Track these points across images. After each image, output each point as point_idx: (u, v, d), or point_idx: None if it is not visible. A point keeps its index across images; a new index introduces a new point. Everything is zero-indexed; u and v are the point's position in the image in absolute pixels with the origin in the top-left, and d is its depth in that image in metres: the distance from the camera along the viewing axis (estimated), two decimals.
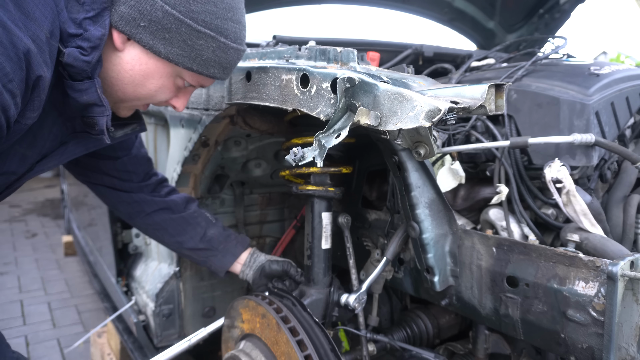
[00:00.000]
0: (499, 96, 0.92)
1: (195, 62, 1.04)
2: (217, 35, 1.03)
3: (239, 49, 1.10)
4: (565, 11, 2.70)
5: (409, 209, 1.18)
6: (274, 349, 1.27)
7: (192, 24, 0.99)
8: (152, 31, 0.98)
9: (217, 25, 1.02)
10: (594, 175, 1.35)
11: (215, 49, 1.04)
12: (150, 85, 1.08)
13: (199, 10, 0.99)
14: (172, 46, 1.01)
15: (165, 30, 0.98)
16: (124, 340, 2.22)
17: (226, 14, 1.03)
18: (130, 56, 1.02)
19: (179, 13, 0.97)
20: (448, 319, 1.67)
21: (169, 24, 0.98)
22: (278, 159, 1.87)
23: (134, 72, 1.04)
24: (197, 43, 1.02)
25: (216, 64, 1.07)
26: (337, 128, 1.00)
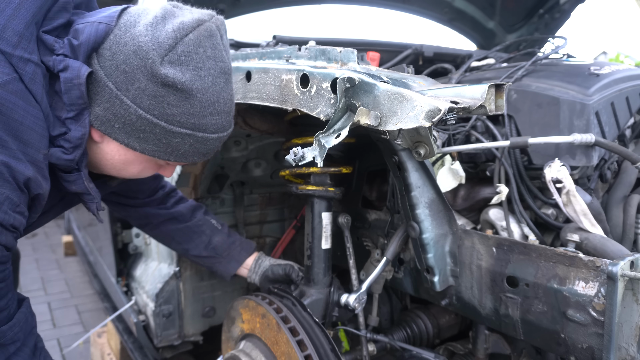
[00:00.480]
0: (499, 96, 0.92)
1: (172, 155, 1.05)
2: (194, 132, 1.02)
3: (220, 137, 1.08)
4: (565, 11, 2.70)
5: (409, 209, 1.18)
6: (274, 349, 1.27)
7: (166, 126, 0.99)
8: (127, 131, 1.00)
9: (194, 123, 1.01)
10: (594, 175, 1.35)
11: (192, 143, 1.04)
12: (132, 170, 1.10)
13: (174, 113, 0.98)
14: (147, 144, 1.01)
15: (139, 131, 0.99)
16: (124, 340, 2.22)
17: (205, 111, 1.01)
18: (110, 148, 1.05)
19: (152, 117, 0.98)
20: (448, 319, 1.67)
21: (143, 126, 0.99)
22: (278, 159, 1.87)
23: (114, 161, 1.07)
24: (172, 141, 1.02)
25: (195, 154, 1.07)
26: (337, 128, 1.00)
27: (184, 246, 1.60)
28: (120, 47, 0.95)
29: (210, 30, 1.00)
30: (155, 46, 0.94)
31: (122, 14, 1.00)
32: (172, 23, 0.97)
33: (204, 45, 0.99)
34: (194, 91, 0.98)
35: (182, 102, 0.98)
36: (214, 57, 1.00)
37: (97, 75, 0.96)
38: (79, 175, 1.03)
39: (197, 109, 1.00)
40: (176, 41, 0.95)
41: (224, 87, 1.04)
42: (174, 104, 0.97)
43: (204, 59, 0.99)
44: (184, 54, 0.96)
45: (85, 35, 0.95)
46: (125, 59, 0.94)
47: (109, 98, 0.97)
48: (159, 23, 0.97)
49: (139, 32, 0.95)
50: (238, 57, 1.46)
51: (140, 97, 0.96)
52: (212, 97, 1.01)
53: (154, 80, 0.95)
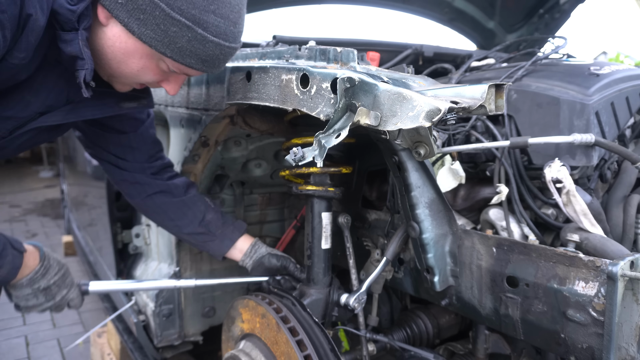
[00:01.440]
0: (499, 96, 0.92)
1: (169, 48, 1.02)
2: (192, 25, 1.00)
3: (220, 44, 1.05)
4: (565, 11, 2.70)
5: (409, 209, 1.18)
6: (274, 348, 1.27)
7: (166, 9, 0.97)
8: (129, 9, 0.97)
9: (195, 15, 0.99)
10: (594, 175, 1.35)
11: (190, 39, 1.01)
12: (131, 65, 1.07)
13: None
14: (145, 28, 0.99)
15: (140, 11, 0.97)
16: (124, 340, 2.22)
17: (208, 6, 0.99)
18: (112, 32, 1.02)
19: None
20: (448, 319, 1.67)
21: (144, 5, 0.96)
22: (278, 159, 1.87)
23: (115, 49, 1.04)
24: (170, 29, 0.99)
25: (192, 55, 1.04)
26: (337, 128, 1.00)
27: (177, 222, 1.56)
28: None
29: None
30: None
31: None
32: None
33: None
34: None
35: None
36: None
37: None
38: (76, 35, 0.99)
39: (200, 0, 0.98)
40: None
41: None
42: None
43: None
44: None
45: None
46: None
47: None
48: None
49: None
50: (238, 57, 1.46)
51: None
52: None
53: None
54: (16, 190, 7.64)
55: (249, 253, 1.58)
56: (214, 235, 1.57)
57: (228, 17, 1.04)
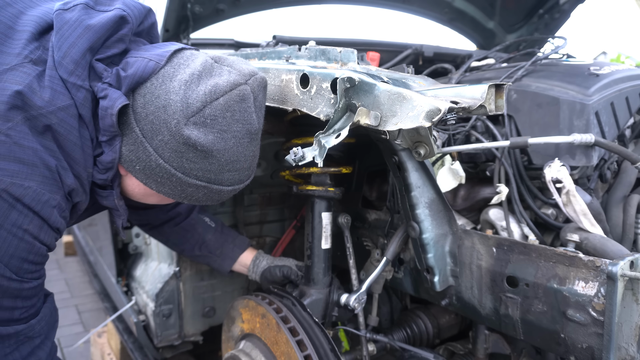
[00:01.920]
0: (499, 96, 0.92)
1: (186, 199, 1.11)
2: (209, 185, 1.07)
3: (235, 189, 1.13)
4: (565, 11, 2.69)
5: (409, 209, 1.18)
6: (274, 348, 1.27)
7: (182, 177, 1.05)
8: (146, 174, 1.06)
9: (210, 178, 1.06)
10: (593, 175, 1.35)
11: (206, 193, 1.09)
12: (151, 200, 1.18)
13: (192, 168, 1.04)
14: (164, 187, 1.08)
15: (157, 176, 1.06)
16: (124, 340, 2.22)
17: (222, 168, 1.06)
18: (132, 182, 1.12)
19: (171, 167, 1.03)
20: (448, 319, 1.67)
21: (161, 173, 1.05)
22: (278, 159, 1.87)
23: (135, 192, 1.15)
24: (187, 190, 1.08)
25: (208, 200, 1.13)
26: (337, 128, 1.00)
27: (180, 247, 1.66)
28: (153, 98, 1.01)
29: (243, 94, 1.03)
30: (184, 107, 0.98)
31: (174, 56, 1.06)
32: (206, 84, 1.00)
33: (233, 110, 1.02)
34: (214, 152, 1.02)
35: (200, 160, 1.03)
36: (242, 120, 1.04)
37: (128, 118, 1.03)
38: (111, 193, 1.11)
39: (215, 167, 1.05)
40: (205, 104, 0.99)
41: (247, 146, 1.07)
42: (192, 160, 1.03)
43: (230, 123, 1.02)
44: (210, 117, 1.00)
45: (133, 70, 1.02)
46: (155, 110, 1.00)
47: (134, 141, 1.03)
48: (194, 82, 1.00)
49: (173, 88, 1.00)
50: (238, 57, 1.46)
51: (162, 148, 1.01)
52: (232, 157, 1.06)
53: (176, 137, 1.00)
54: None
55: (252, 269, 1.63)
56: (214, 255, 1.64)
57: (242, 168, 1.10)
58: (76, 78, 0.99)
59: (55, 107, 0.96)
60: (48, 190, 0.95)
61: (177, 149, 1.01)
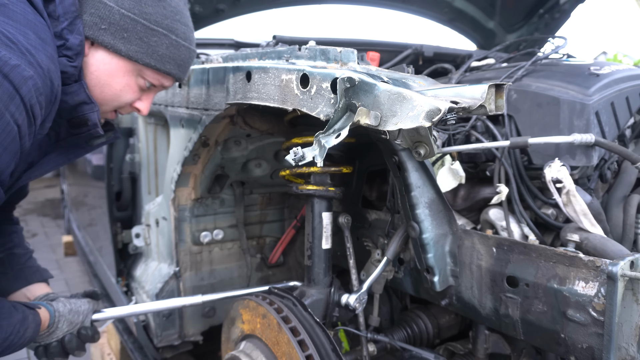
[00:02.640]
0: (499, 96, 0.92)
1: (152, 57, 1.16)
2: (168, 33, 1.17)
3: (189, 48, 1.23)
4: (565, 11, 2.70)
5: (409, 209, 1.18)
6: (275, 349, 1.27)
7: (145, 23, 1.13)
8: (112, 32, 1.11)
9: (168, 24, 1.17)
10: (594, 175, 1.35)
11: (168, 45, 1.17)
12: (115, 85, 1.17)
13: (151, 12, 1.13)
14: (130, 44, 1.13)
15: (123, 30, 1.11)
16: (124, 340, 2.22)
17: (174, 16, 1.18)
18: (95, 58, 1.13)
19: (133, 15, 1.11)
20: (448, 319, 1.67)
21: (126, 25, 1.11)
22: (278, 159, 1.87)
23: (99, 73, 1.14)
24: (152, 40, 1.15)
25: (171, 60, 1.19)
26: (337, 128, 1.00)
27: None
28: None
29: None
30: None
31: None
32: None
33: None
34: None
35: (155, 3, 1.14)
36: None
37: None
38: (80, 85, 1.09)
39: (168, 12, 1.16)
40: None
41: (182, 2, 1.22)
42: (149, 4, 1.13)
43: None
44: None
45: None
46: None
47: (95, 3, 1.08)
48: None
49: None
50: (238, 57, 1.46)
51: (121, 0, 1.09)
52: (177, 7, 1.19)
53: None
54: None
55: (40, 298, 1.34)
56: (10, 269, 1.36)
57: (187, 24, 1.23)
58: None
59: None
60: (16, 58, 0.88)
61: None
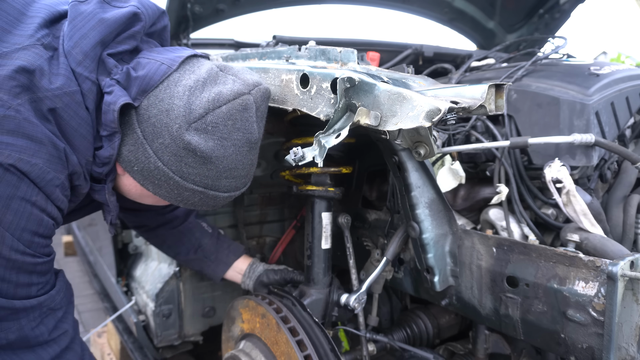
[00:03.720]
0: (499, 96, 0.92)
1: (182, 203, 1.12)
2: (205, 190, 1.08)
3: (231, 196, 1.15)
4: (565, 11, 2.69)
5: (409, 209, 1.18)
6: (274, 349, 1.27)
7: (179, 181, 1.06)
8: (144, 175, 1.07)
9: (208, 183, 1.07)
10: (594, 175, 1.35)
11: (202, 198, 1.10)
12: (147, 201, 1.19)
13: (190, 172, 1.05)
14: (160, 189, 1.08)
15: (155, 179, 1.07)
16: (124, 340, 2.22)
17: (220, 175, 1.07)
18: (128, 182, 1.13)
19: (169, 170, 1.04)
20: (448, 319, 1.67)
21: (159, 176, 1.06)
22: (278, 159, 1.87)
23: (132, 192, 1.16)
24: (184, 194, 1.08)
25: (203, 206, 1.14)
26: (337, 128, 1.00)
27: (175, 250, 1.65)
28: (157, 101, 1.02)
29: (245, 104, 1.04)
30: (186, 112, 1.00)
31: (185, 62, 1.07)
32: (210, 92, 1.01)
33: (234, 118, 1.03)
34: (212, 158, 1.04)
35: (199, 165, 1.04)
36: (243, 129, 1.05)
37: (130, 118, 1.04)
38: (103, 188, 1.12)
39: (213, 173, 1.06)
40: (207, 111, 1.00)
41: (245, 155, 1.09)
42: (191, 165, 1.04)
43: (231, 131, 1.03)
44: (211, 124, 1.01)
45: (145, 71, 1.03)
46: (157, 113, 1.01)
47: (135, 142, 1.04)
48: (198, 88, 1.02)
49: (177, 93, 1.01)
50: (238, 57, 1.46)
51: (162, 151, 1.03)
52: (230, 165, 1.07)
53: (177, 141, 1.01)
54: None
55: (248, 274, 1.62)
56: (209, 260, 1.63)
57: (240, 176, 1.12)
58: (84, 69, 1.00)
59: (62, 92, 0.97)
60: (53, 169, 0.96)
61: (176, 153, 1.02)
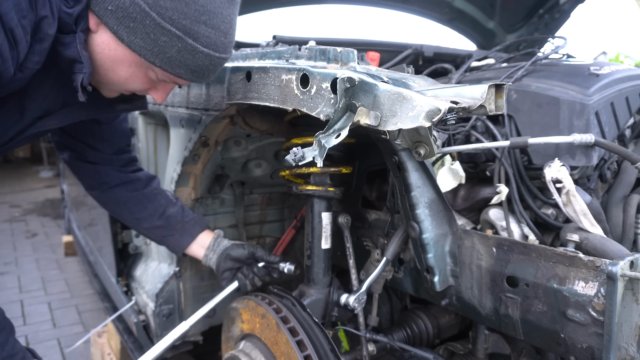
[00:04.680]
0: (499, 96, 0.92)
1: (158, 57, 1.01)
2: (183, 36, 0.99)
3: (210, 55, 1.04)
4: (565, 11, 2.70)
5: (409, 209, 1.18)
6: (274, 349, 1.27)
7: (156, 18, 0.96)
8: (118, 17, 0.96)
9: (186, 25, 0.98)
10: (593, 175, 1.35)
11: (180, 49, 1.00)
12: (119, 72, 1.06)
13: (168, 7, 0.95)
14: (135, 36, 0.98)
15: (130, 19, 0.96)
16: (124, 340, 2.22)
17: (199, 17, 0.98)
18: (101, 39, 1.01)
19: (145, 4, 0.95)
20: (448, 319, 1.67)
21: (135, 14, 0.95)
22: (278, 159, 1.87)
23: (104, 56, 1.03)
24: (160, 39, 0.98)
25: (182, 65, 1.04)
26: (337, 128, 1.00)
27: (137, 215, 1.53)
28: None
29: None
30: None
31: None
32: None
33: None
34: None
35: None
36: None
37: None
38: (73, 38, 0.98)
39: (192, 11, 0.96)
40: None
41: (225, 3, 1.01)
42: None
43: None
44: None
45: None
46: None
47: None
48: None
49: None
50: (238, 57, 1.46)
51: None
52: (209, 5, 0.98)
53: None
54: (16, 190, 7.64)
55: (212, 247, 1.54)
56: (174, 229, 1.53)
57: (219, 28, 1.03)
58: None
59: None
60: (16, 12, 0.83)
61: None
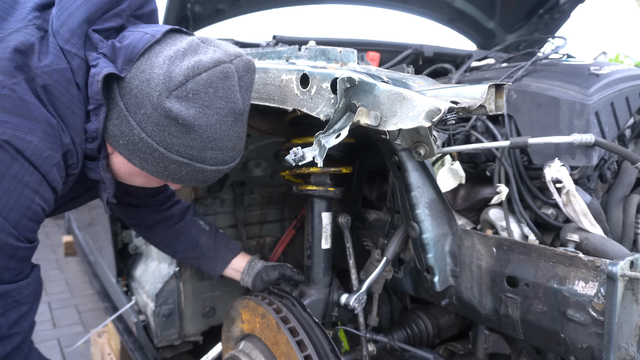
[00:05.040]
0: (499, 96, 0.92)
1: (170, 178, 1.11)
2: (191, 162, 1.07)
3: (219, 169, 1.13)
4: (565, 11, 2.70)
5: (409, 209, 1.18)
6: (274, 349, 1.27)
7: (164, 152, 1.05)
8: (130, 149, 1.07)
9: (193, 154, 1.07)
10: (593, 175, 1.35)
11: (189, 171, 1.09)
12: (137, 181, 1.19)
13: (175, 142, 1.04)
14: (146, 163, 1.08)
15: (140, 152, 1.06)
16: (124, 340, 2.22)
17: (205, 145, 1.06)
18: (117, 159, 1.12)
19: (153, 141, 1.04)
20: (448, 319, 1.67)
21: (144, 148, 1.05)
22: (278, 159, 1.87)
23: (121, 172, 1.15)
24: (170, 166, 1.08)
25: (192, 180, 1.13)
26: (337, 128, 1.00)
27: (172, 248, 1.66)
28: (138, 72, 1.02)
29: (226, 72, 1.03)
30: (166, 80, 1.00)
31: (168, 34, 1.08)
32: (190, 60, 1.02)
33: (215, 86, 1.02)
34: (195, 127, 1.03)
35: (182, 135, 1.03)
36: (225, 97, 1.04)
37: (113, 92, 1.04)
38: (97, 165, 1.11)
39: (197, 143, 1.05)
40: (187, 79, 1.00)
41: (230, 125, 1.07)
42: (174, 134, 1.03)
43: (213, 99, 1.03)
44: (192, 91, 1.01)
45: (128, 41, 1.04)
46: (139, 84, 1.01)
47: (119, 115, 1.04)
48: (178, 58, 1.02)
49: (157, 63, 1.02)
50: None
51: (145, 122, 1.02)
52: (214, 134, 1.05)
53: (158, 110, 1.01)
54: None
55: (247, 271, 1.64)
56: (207, 258, 1.65)
57: (226, 148, 1.10)
58: (71, 46, 1.01)
59: (51, 69, 0.98)
60: (49, 147, 0.96)
61: (159, 123, 1.02)
